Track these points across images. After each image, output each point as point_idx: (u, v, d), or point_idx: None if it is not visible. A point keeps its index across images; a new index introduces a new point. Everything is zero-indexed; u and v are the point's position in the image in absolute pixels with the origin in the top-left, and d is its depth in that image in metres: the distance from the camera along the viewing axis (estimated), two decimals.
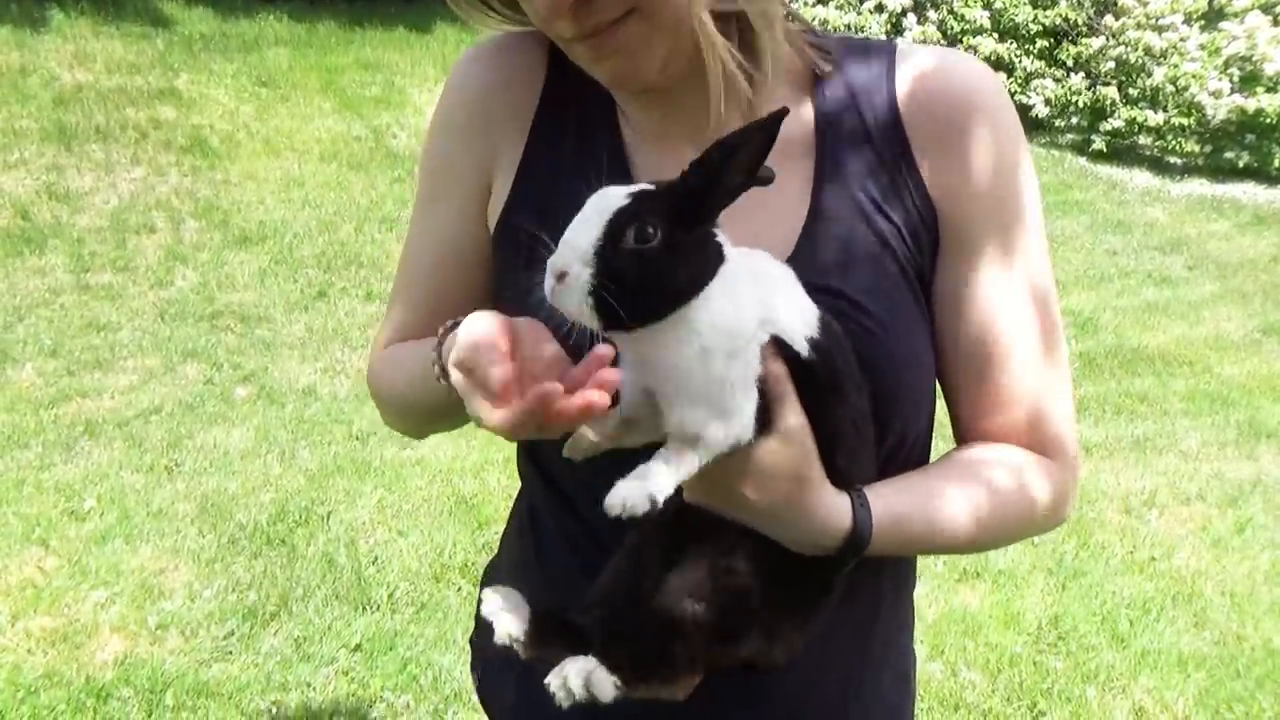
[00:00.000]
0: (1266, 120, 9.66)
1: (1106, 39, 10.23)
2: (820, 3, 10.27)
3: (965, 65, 0.95)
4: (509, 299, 0.97)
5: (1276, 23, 10.05)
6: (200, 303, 5.19)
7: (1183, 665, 3.14)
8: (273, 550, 3.34)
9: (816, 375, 0.82)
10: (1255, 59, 9.82)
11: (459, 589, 3.22)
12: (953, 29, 10.20)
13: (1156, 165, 10.11)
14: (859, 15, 10.18)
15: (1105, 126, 10.10)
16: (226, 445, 3.97)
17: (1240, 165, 9.86)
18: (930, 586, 3.40)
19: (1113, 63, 10.18)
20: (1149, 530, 3.95)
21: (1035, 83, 10.20)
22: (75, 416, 4.10)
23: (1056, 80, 10.25)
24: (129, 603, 3.04)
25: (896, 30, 10.22)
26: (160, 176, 6.41)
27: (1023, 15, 10.05)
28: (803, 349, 0.81)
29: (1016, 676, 3.02)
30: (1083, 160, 9.96)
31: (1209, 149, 10.12)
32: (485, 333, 0.77)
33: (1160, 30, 10.01)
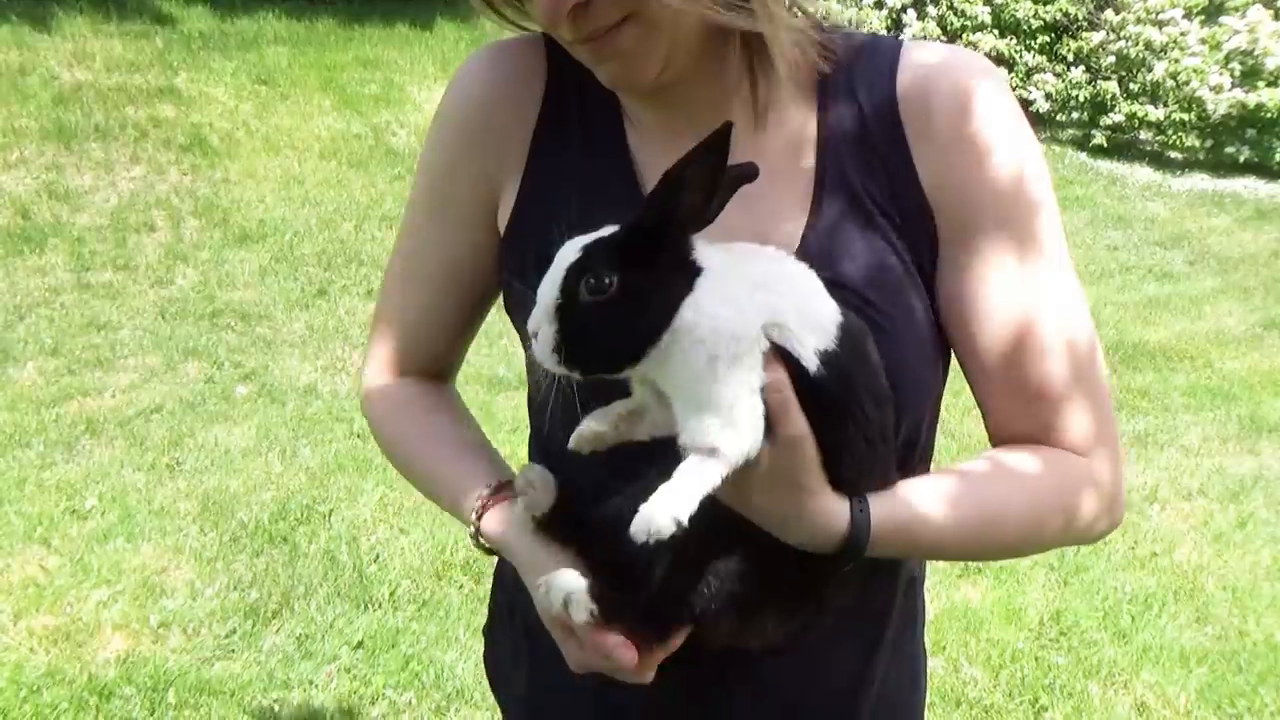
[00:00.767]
0: (1267, 115, 9.65)
1: (1107, 33, 10.22)
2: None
3: (965, 61, 0.95)
4: (518, 318, 0.98)
5: (1277, 17, 10.03)
6: (200, 301, 5.19)
7: (1184, 661, 3.14)
8: (274, 548, 3.34)
9: (823, 388, 0.80)
10: (1256, 53, 9.80)
11: (461, 586, 3.22)
12: (953, 24, 10.19)
13: (1157, 160, 10.10)
14: (859, 10, 10.17)
15: (1106, 121, 10.09)
16: (228, 443, 3.97)
17: (1241, 160, 9.84)
18: (932, 582, 3.40)
19: (1113, 57, 10.17)
20: (1150, 525, 3.95)
21: (1036, 77, 10.19)
22: (76, 415, 4.10)
23: (1057, 75, 10.24)
24: (131, 601, 3.04)
25: (896, 25, 10.21)
26: (160, 175, 6.41)
27: (1023, 10, 10.04)
28: (810, 362, 0.79)
29: (1018, 672, 3.02)
30: (1083, 155, 9.95)
31: (1210, 144, 10.11)
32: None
33: (1161, 25, 9.99)
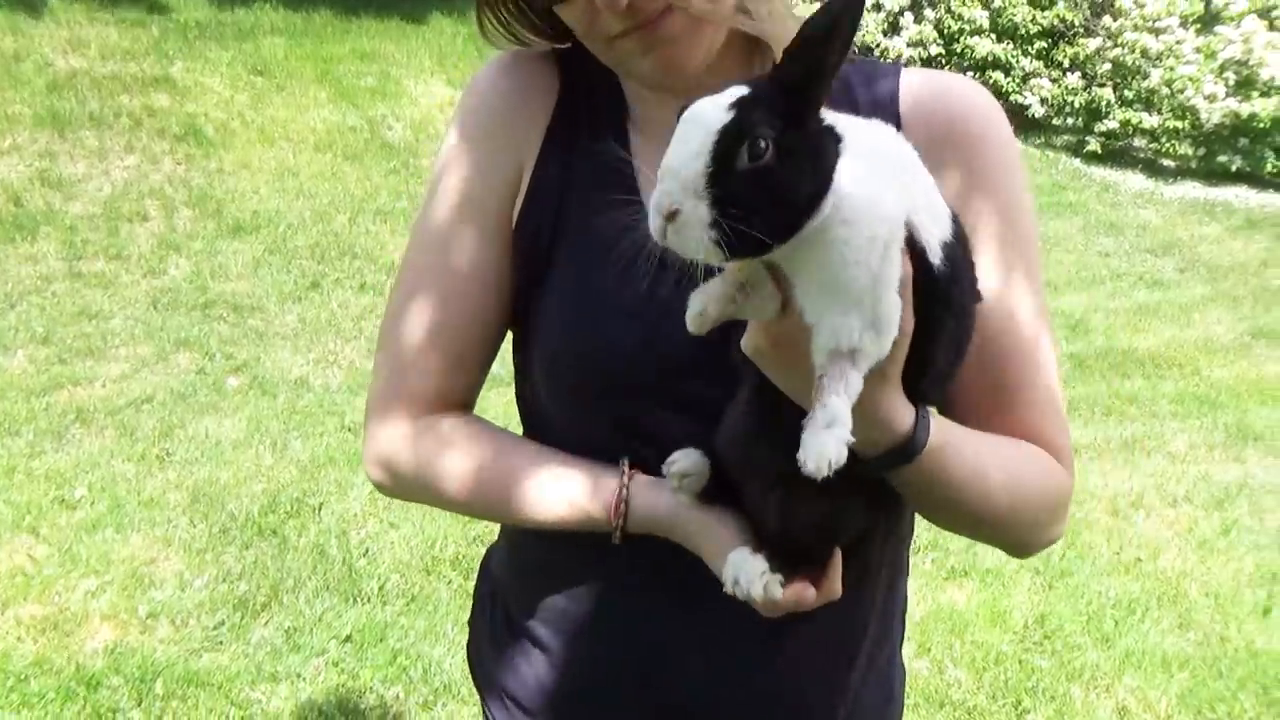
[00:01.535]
0: (1260, 125, 9.71)
1: (1104, 40, 10.26)
2: (817, 0, 10.26)
3: (966, 88, 0.98)
4: (551, 291, 0.99)
5: (1272, 27, 10.09)
6: (193, 292, 5.18)
7: (1166, 665, 3.17)
8: (264, 541, 3.34)
9: (938, 286, 0.74)
10: (1251, 64, 9.86)
11: (449, 581, 3.23)
12: (950, 28, 10.21)
13: (1150, 168, 10.15)
14: None
15: (1100, 128, 10.13)
16: (218, 435, 3.97)
17: (1233, 169, 9.90)
18: (918, 584, 3.42)
19: (1109, 64, 10.21)
20: (1136, 531, 3.98)
21: (1032, 82, 10.22)
22: (67, 404, 4.09)
23: (1053, 80, 10.28)
24: (119, 591, 3.04)
25: (894, 29, 10.23)
26: (154, 164, 6.39)
27: (1021, 15, 10.07)
28: (935, 256, 0.74)
29: (1002, 675, 3.05)
30: (1077, 161, 9.99)
31: (1202, 152, 10.17)
32: None
33: (1157, 33, 10.04)
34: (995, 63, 10.07)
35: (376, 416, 1.04)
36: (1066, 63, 10.30)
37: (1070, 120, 10.45)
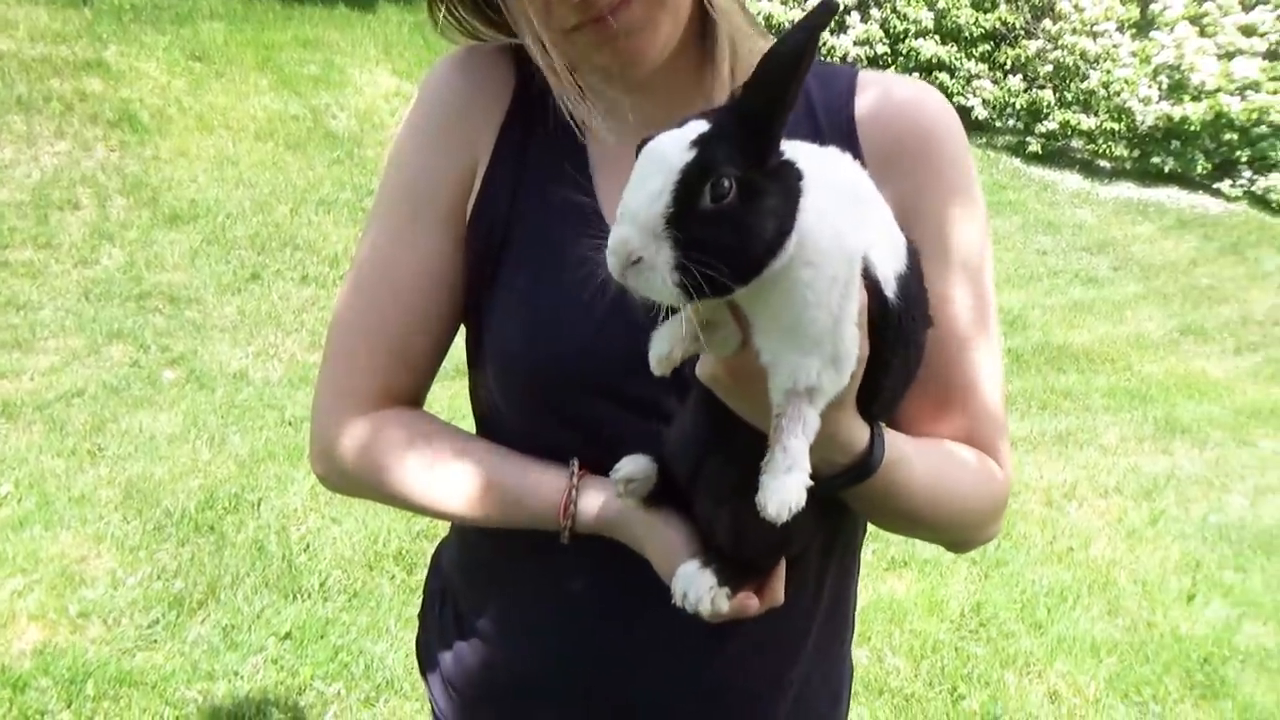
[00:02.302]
0: (1191, 128, 10.04)
1: (1044, 42, 10.50)
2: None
3: (923, 93, 0.99)
4: (501, 297, 0.98)
5: (1203, 34, 10.43)
6: (127, 283, 5.03)
7: (1095, 651, 3.28)
8: (201, 537, 3.27)
9: (891, 319, 0.74)
10: (1183, 68, 10.18)
11: (393, 577, 3.19)
12: (895, 28, 10.35)
13: (1087, 168, 10.44)
14: (802, 11, 10.26)
15: (1040, 129, 10.38)
16: (153, 430, 3.87)
17: (1166, 170, 10.23)
18: (860, 574, 3.48)
19: (1050, 66, 10.46)
20: (1068, 521, 4.10)
21: (975, 84, 10.43)
22: None
23: (995, 82, 10.49)
24: (48, 590, 2.95)
25: (840, 27, 10.34)
26: (86, 151, 6.20)
27: (965, 16, 10.25)
28: (890, 289, 0.74)
29: (939, 662, 3.12)
30: (1017, 161, 10.22)
31: (1137, 154, 10.48)
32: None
33: (1095, 36, 10.31)
34: (940, 64, 10.25)
35: (323, 411, 1.03)
36: (1008, 65, 10.52)
37: (1012, 121, 10.69)
